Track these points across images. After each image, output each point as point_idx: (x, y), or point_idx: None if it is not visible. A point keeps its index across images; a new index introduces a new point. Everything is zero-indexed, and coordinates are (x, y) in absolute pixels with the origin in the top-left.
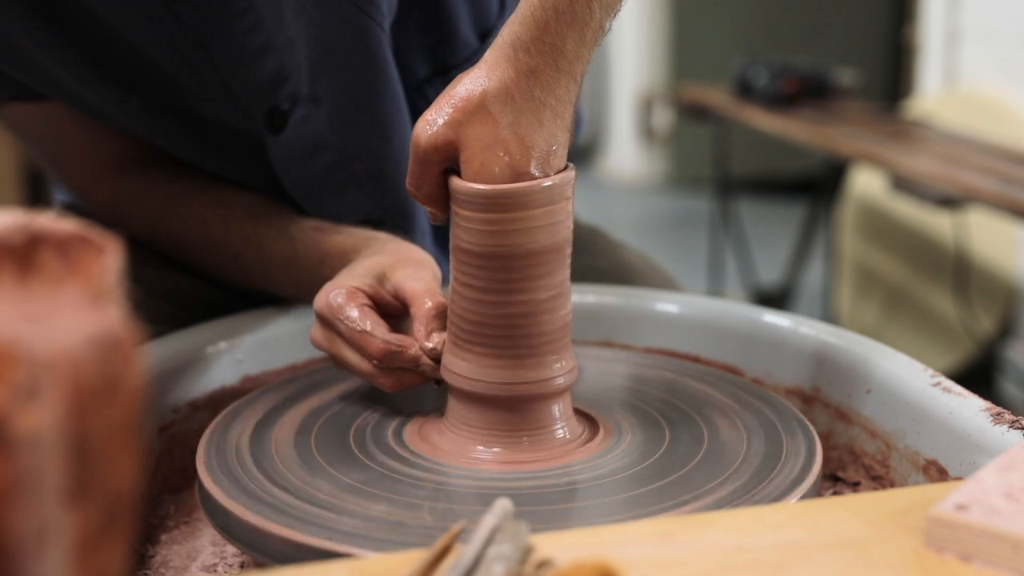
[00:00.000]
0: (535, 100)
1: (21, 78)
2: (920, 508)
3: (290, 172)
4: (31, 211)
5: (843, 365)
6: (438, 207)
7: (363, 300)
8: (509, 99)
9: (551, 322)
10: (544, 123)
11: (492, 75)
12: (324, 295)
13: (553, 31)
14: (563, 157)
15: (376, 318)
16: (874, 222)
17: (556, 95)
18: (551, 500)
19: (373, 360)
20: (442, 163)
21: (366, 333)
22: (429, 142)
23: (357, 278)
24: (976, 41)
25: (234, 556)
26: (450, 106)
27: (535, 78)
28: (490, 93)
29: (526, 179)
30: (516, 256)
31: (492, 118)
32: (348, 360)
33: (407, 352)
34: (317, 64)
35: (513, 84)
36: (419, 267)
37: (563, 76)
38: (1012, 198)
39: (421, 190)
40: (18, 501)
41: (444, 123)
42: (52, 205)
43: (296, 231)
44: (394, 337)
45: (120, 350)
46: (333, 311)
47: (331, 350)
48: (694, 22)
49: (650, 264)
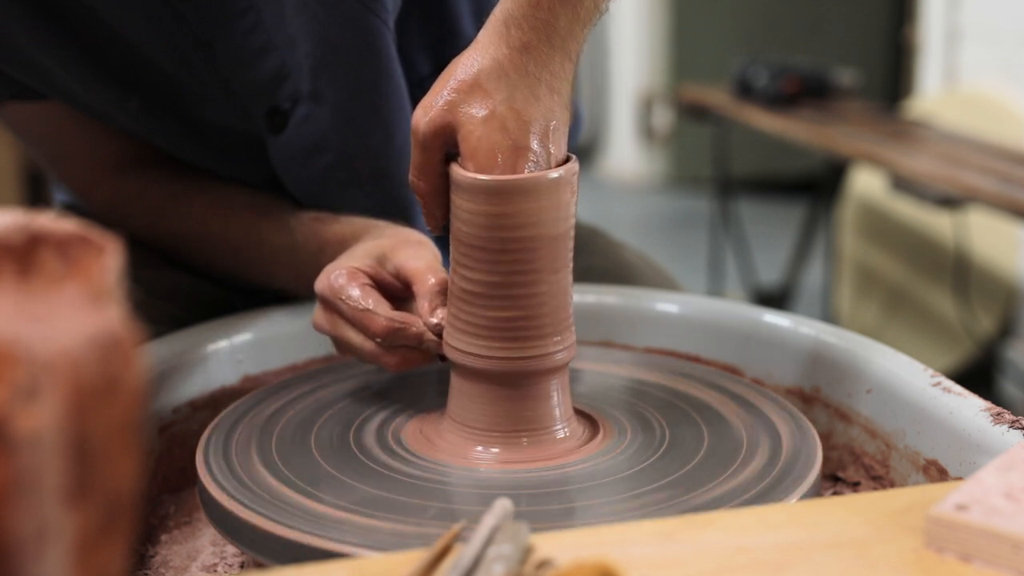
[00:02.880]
0: (530, 75)
1: (21, 78)
2: (920, 508)
3: (291, 172)
4: (31, 211)
5: (843, 365)
6: (439, 202)
7: (364, 280)
8: (503, 75)
9: (552, 306)
10: (541, 98)
11: (485, 53)
12: (325, 277)
13: (545, 7)
14: (564, 135)
15: (378, 296)
16: (874, 222)
17: (551, 71)
18: (551, 500)
19: (376, 338)
20: (443, 148)
21: (368, 311)
22: (428, 127)
23: (358, 259)
24: (976, 41)
25: (234, 556)
26: (446, 89)
27: (528, 53)
28: (484, 70)
29: (526, 154)
30: (517, 249)
31: (487, 94)
32: (351, 341)
33: (410, 329)
34: (319, 62)
35: (506, 60)
36: (419, 247)
37: (557, 52)
38: (1012, 198)
39: (423, 179)
40: (18, 501)
41: (441, 106)
42: (52, 205)
43: (295, 222)
44: (397, 314)
45: (120, 350)
46: (335, 291)
47: (334, 332)
48: (694, 21)
49: (650, 264)
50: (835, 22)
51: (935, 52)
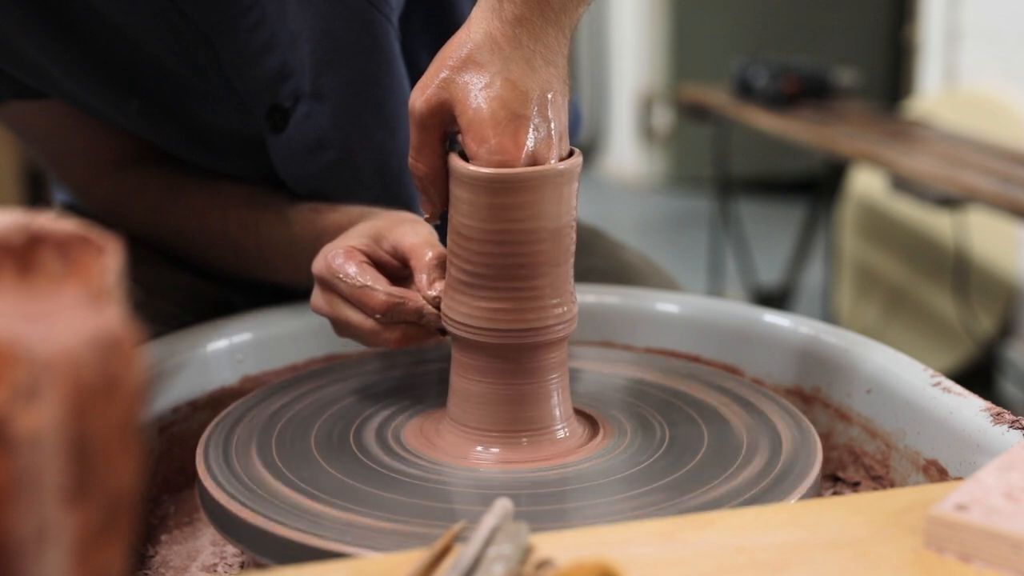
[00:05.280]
0: (524, 47)
1: (21, 77)
2: (920, 508)
3: (291, 170)
4: (31, 211)
5: (843, 365)
6: (437, 187)
7: (361, 258)
8: (496, 47)
9: (553, 257)
10: (537, 69)
11: (478, 28)
12: (322, 257)
13: None
14: (564, 108)
15: (375, 273)
16: (874, 222)
17: (545, 43)
18: (551, 500)
19: (375, 314)
20: (440, 126)
21: (367, 287)
22: (424, 105)
23: (354, 239)
24: (976, 41)
25: (234, 556)
26: (441, 68)
27: (521, 26)
28: (476, 44)
29: (525, 123)
30: (518, 242)
31: (481, 67)
32: (350, 320)
33: (409, 304)
34: (322, 59)
35: (499, 33)
36: (415, 224)
37: (551, 25)
38: (1012, 198)
39: (421, 160)
40: (18, 501)
41: (437, 84)
42: (52, 205)
43: (293, 213)
44: (395, 289)
45: (120, 350)
46: (332, 271)
47: (332, 313)
48: (694, 22)
49: (650, 264)
50: (835, 22)
51: (935, 52)
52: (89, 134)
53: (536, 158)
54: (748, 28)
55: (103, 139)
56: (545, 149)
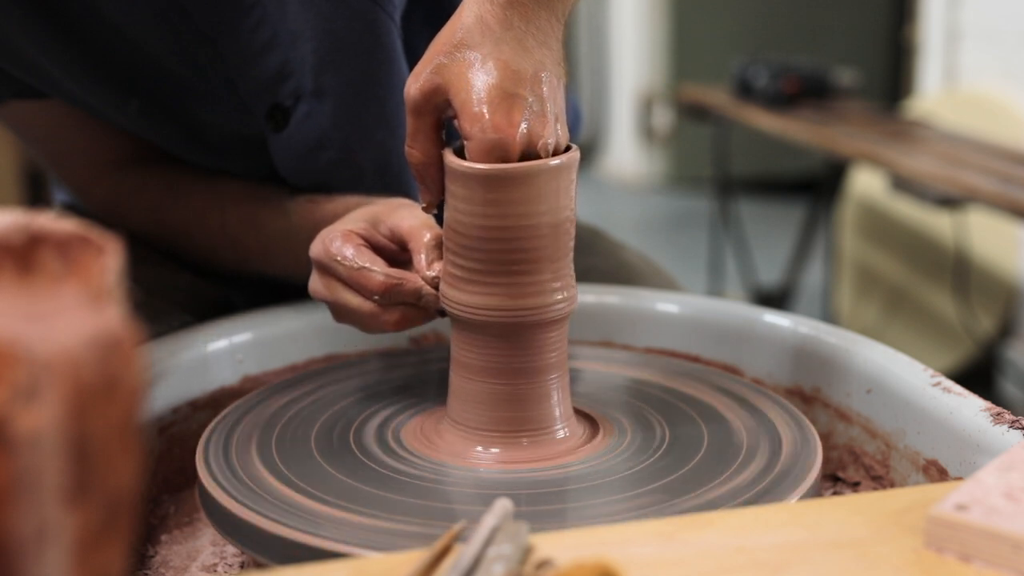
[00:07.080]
0: (515, 28)
1: (21, 77)
2: (920, 508)
3: (292, 169)
4: (31, 211)
5: (843, 365)
6: (433, 174)
7: (359, 241)
8: (487, 29)
9: (552, 252)
10: (529, 49)
11: (469, 13)
12: (319, 241)
13: None
14: (559, 90)
15: (373, 255)
16: (874, 222)
17: (537, 25)
18: (551, 500)
19: (374, 296)
20: (435, 112)
21: (365, 269)
22: (418, 91)
23: (351, 223)
24: (976, 41)
25: (234, 556)
26: (435, 54)
27: (512, 8)
28: (467, 28)
29: (519, 102)
30: (516, 238)
31: (472, 49)
32: (348, 303)
33: (408, 284)
34: (323, 58)
35: (489, 15)
36: (413, 208)
37: (543, 8)
38: (1012, 198)
39: (416, 146)
40: (18, 501)
41: (430, 70)
42: (52, 205)
43: (292, 205)
44: (394, 271)
45: (120, 350)
46: (330, 254)
47: (331, 297)
48: (694, 22)
49: (650, 264)
50: (835, 22)
51: (935, 52)
52: (89, 134)
53: (531, 136)
54: (748, 28)
55: (103, 139)
56: (540, 127)
